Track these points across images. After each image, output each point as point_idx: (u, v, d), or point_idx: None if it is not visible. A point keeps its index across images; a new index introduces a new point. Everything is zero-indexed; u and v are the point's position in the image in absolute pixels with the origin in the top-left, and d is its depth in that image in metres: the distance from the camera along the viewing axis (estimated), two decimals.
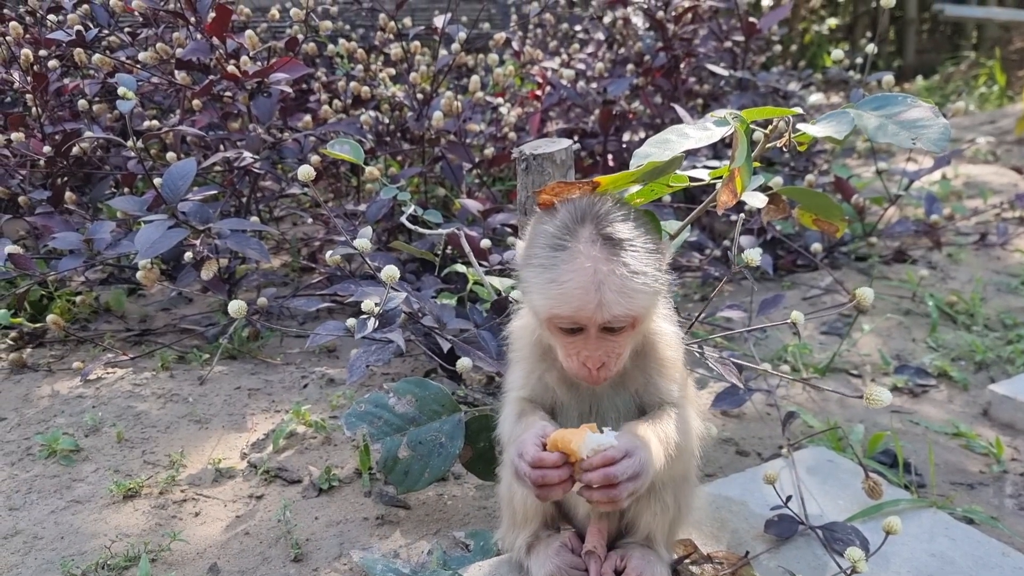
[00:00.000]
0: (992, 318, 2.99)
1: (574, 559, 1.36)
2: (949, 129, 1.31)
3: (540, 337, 1.28)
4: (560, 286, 1.09)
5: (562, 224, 1.13)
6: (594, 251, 1.09)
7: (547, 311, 1.12)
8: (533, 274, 1.13)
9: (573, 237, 1.11)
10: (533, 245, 1.16)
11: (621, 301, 1.09)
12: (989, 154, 5.63)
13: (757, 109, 1.38)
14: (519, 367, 1.33)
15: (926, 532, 1.67)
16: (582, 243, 1.10)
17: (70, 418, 2.12)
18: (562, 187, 1.25)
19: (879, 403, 1.29)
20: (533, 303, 1.16)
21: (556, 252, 1.11)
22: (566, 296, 1.09)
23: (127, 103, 1.99)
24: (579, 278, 1.08)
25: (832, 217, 1.95)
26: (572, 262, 1.09)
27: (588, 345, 1.14)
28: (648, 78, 3.70)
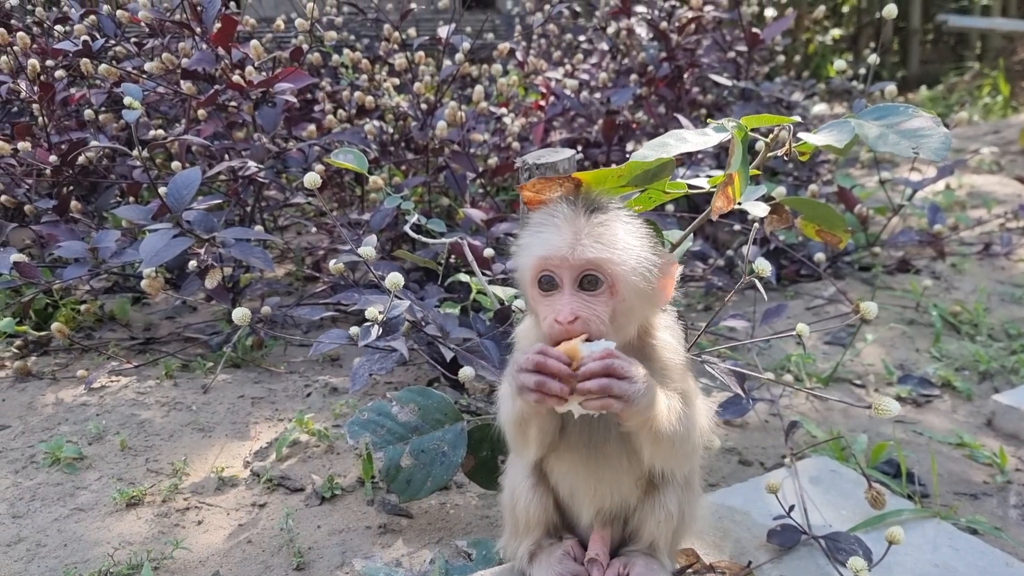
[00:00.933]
0: (996, 328, 2.99)
1: (576, 567, 1.36)
2: (950, 139, 1.31)
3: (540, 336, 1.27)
4: (541, 236, 1.15)
5: (558, 204, 1.19)
6: (580, 218, 1.15)
7: (527, 262, 1.16)
8: (524, 240, 1.18)
9: (570, 210, 1.17)
10: (529, 223, 1.21)
11: (596, 246, 1.12)
12: (993, 164, 5.63)
13: (757, 116, 1.39)
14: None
15: (929, 542, 1.66)
16: (571, 213, 1.16)
17: (74, 426, 2.13)
18: (544, 183, 1.27)
19: (887, 413, 1.29)
20: (520, 264, 1.19)
21: (547, 215, 1.17)
22: (543, 239, 1.14)
23: (133, 113, 2.01)
24: (560, 229, 1.14)
25: (835, 228, 1.96)
26: (558, 221, 1.15)
27: (562, 299, 1.14)
28: (652, 88, 3.71)
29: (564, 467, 1.34)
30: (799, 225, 2.02)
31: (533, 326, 1.31)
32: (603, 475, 1.32)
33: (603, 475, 1.32)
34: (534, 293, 1.18)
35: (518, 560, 1.44)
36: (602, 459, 1.30)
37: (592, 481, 1.34)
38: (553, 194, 1.29)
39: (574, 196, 1.20)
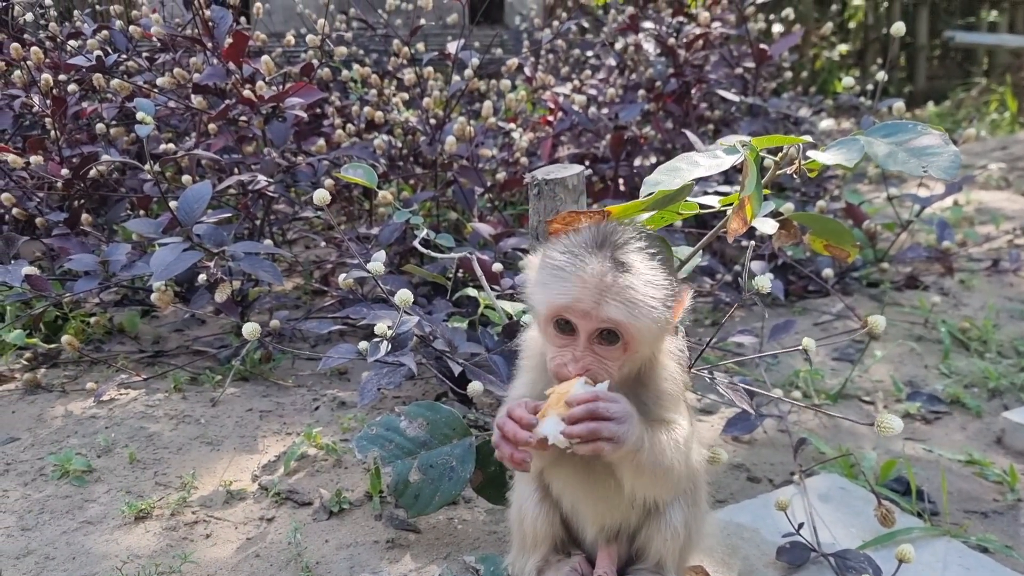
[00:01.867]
0: (1005, 345, 2.98)
1: None
2: (959, 157, 1.31)
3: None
4: (564, 280, 1.14)
5: (581, 241, 1.18)
6: (606, 265, 1.13)
7: (547, 302, 1.16)
8: (543, 274, 1.19)
9: (588, 252, 1.15)
10: (549, 252, 1.20)
11: (619, 307, 1.12)
12: (1001, 180, 5.63)
13: (767, 137, 1.39)
14: (524, 376, 1.35)
15: (940, 561, 1.66)
16: (596, 257, 1.14)
17: (83, 439, 2.14)
18: (573, 216, 1.27)
19: (890, 431, 1.29)
20: (537, 300, 1.20)
21: (569, 256, 1.16)
22: (568, 288, 1.13)
23: (145, 128, 2.02)
24: (584, 276, 1.12)
25: (843, 243, 1.95)
26: (583, 265, 1.13)
27: (577, 348, 1.16)
28: (659, 104, 3.72)
29: (562, 482, 1.36)
30: (807, 240, 2.02)
31: (537, 338, 1.32)
32: (599, 493, 1.33)
33: (599, 493, 1.33)
34: (548, 329, 1.19)
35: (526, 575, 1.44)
36: (595, 477, 1.31)
37: (591, 499, 1.35)
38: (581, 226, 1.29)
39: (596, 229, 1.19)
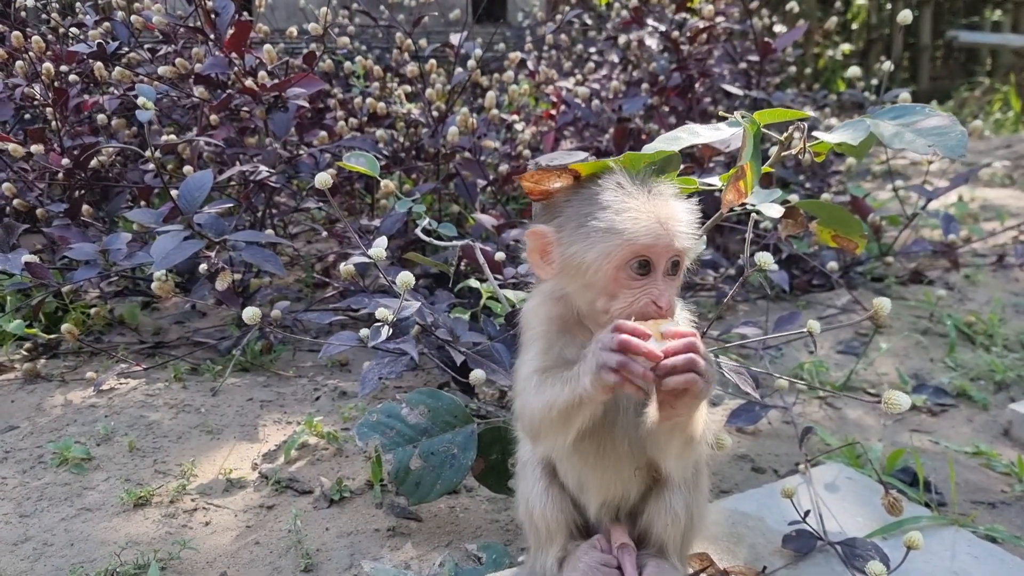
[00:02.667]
0: (1011, 339, 2.95)
1: (604, 556, 1.34)
2: (966, 136, 1.30)
3: (561, 314, 1.27)
4: (639, 219, 1.15)
5: (617, 184, 1.19)
6: (656, 199, 1.17)
7: (626, 245, 1.14)
8: (598, 222, 1.16)
9: (634, 189, 1.18)
10: (584, 206, 1.20)
11: (686, 236, 1.17)
12: (1006, 178, 5.61)
13: (769, 111, 1.38)
14: (535, 345, 1.29)
15: (948, 550, 1.63)
16: (651, 195, 1.18)
17: (82, 427, 2.12)
18: (543, 174, 1.26)
19: (897, 407, 1.27)
20: (598, 249, 1.16)
21: (623, 198, 1.17)
22: (647, 226, 1.14)
23: (146, 113, 2.01)
24: (657, 213, 1.15)
25: (851, 233, 1.94)
26: (644, 203, 1.16)
27: (657, 284, 1.17)
28: (663, 98, 3.70)
29: (575, 455, 1.32)
30: (815, 229, 2.00)
31: (543, 304, 1.30)
32: (608, 462, 1.31)
33: (608, 462, 1.31)
34: (620, 276, 1.17)
35: (548, 572, 1.40)
36: (608, 445, 1.29)
37: (599, 469, 1.32)
38: (553, 185, 1.29)
39: (630, 174, 1.21)
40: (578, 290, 1.23)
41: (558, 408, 1.17)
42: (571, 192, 1.24)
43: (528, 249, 1.26)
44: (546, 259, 1.25)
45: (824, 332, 2.91)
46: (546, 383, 1.20)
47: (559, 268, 1.23)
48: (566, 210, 1.22)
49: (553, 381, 1.19)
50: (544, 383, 1.21)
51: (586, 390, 1.11)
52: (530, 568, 1.45)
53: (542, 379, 1.22)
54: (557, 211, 1.24)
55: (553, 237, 1.22)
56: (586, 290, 1.21)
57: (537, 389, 1.21)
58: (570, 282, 1.24)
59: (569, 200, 1.23)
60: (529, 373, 1.25)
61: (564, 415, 1.17)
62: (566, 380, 1.15)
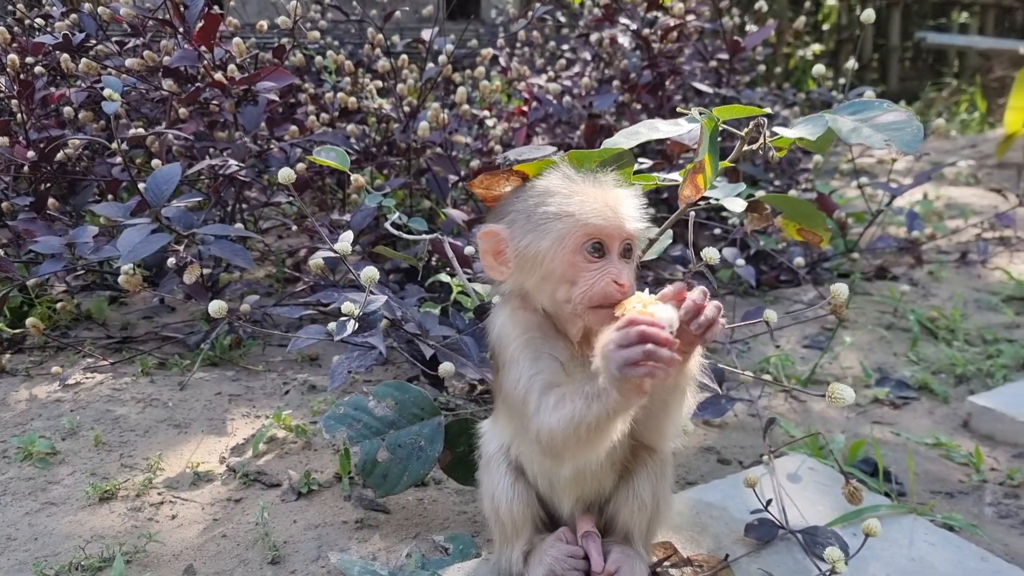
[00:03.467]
0: (972, 333, 3.02)
1: (570, 548, 1.36)
2: (922, 131, 1.33)
3: (536, 322, 1.26)
4: (587, 203, 1.19)
5: (568, 177, 1.24)
6: (602, 187, 1.23)
7: (579, 228, 1.18)
8: (549, 209, 1.20)
9: (587, 181, 1.23)
10: (532, 200, 1.23)
11: (636, 219, 1.22)
12: (970, 177, 5.71)
13: (729, 107, 1.40)
14: (523, 357, 1.22)
15: (906, 537, 1.67)
16: (598, 183, 1.23)
17: (47, 422, 2.10)
18: (491, 178, 1.28)
19: (841, 401, 1.30)
20: (552, 235, 1.19)
21: (571, 187, 1.22)
22: (597, 209, 1.19)
23: (112, 104, 1.99)
24: (601, 197, 1.21)
25: (816, 226, 1.97)
26: (591, 189, 1.21)
27: (613, 264, 1.20)
28: (634, 95, 3.73)
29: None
30: (780, 224, 2.04)
31: (513, 315, 1.28)
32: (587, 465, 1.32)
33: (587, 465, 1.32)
34: (576, 260, 1.19)
35: (514, 566, 1.41)
36: None
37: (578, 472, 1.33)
38: (503, 188, 1.32)
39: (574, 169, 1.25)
40: (537, 284, 1.24)
41: (588, 426, 1.10)
42: (521, 190, 1.27)
43: (481, 251, 1.27)
44: (500, 259, 1.25)
45: (790, 327, 2.96)
46: (564, 401, 1.13)
47: (515, 264, 1.24)
48: (515, 207, 1.24)
49: (572, 398, 1.12)
50: (561, 402, 1.13)
51: (617, 401, 1.05)
52: (495, 562, 1.47)
53: (558, 396, 1.14)
54: (507, 209, 1.26)
55: (505, 234, 1.23)
56: (545, 282, 1.22)
57: (555, 408, 1.14)
58: (528, 277, 1.24)
59: (516, 198, 1.25)
60: (529, 388, 1.18)
61: (596, 433, 1.11)
62: (589, 397, 1.09)
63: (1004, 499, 1.98)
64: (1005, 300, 3.34)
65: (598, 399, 1.07)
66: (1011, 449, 2.21)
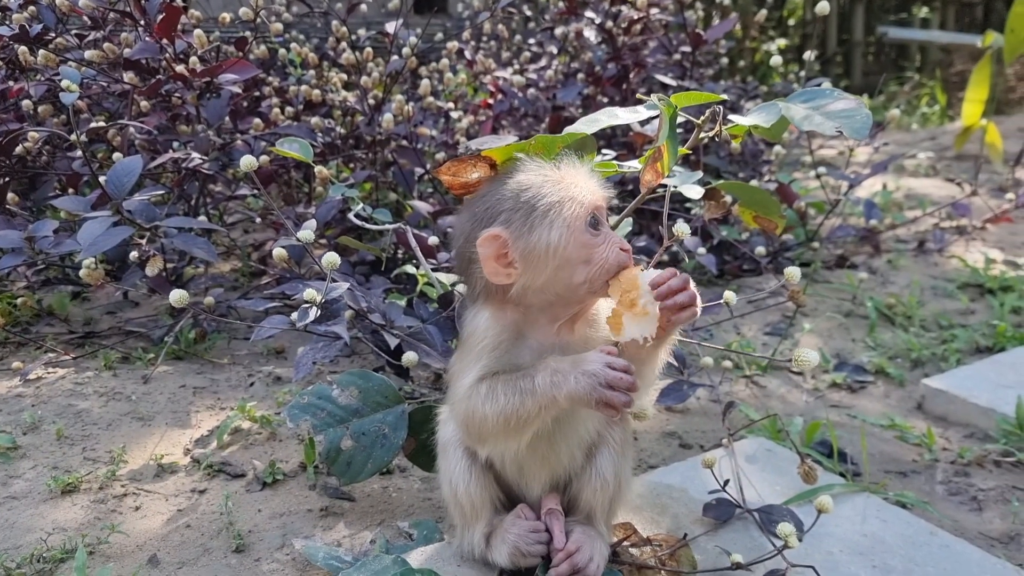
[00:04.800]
0: (928, 319, 3.09)
1: (532, 523, 1.38)
2: (871, 118, 1.36)
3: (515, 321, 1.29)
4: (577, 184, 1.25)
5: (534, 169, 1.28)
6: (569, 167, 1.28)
7: (581, 207, 1.23)
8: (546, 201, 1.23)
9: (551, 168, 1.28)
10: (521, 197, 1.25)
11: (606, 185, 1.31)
12: (929, 168, 5.83)
13: (686, 94, 1.43)
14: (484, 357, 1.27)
15: (859, 514, 1.72)
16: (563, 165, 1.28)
17: (8, 416, 2.08)
18: (458, 165, 1.30)
19: (807, 364, 1.34)
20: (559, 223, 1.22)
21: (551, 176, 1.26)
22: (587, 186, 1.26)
23: (70, 96, 1.98)
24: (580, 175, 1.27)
25: (771, 213, 2.01)
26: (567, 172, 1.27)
27: (612, 236, 1.27)
28: (599, 88, 3.76)
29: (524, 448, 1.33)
30: (737, 211, 2.07)
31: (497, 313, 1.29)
32: (560, 444, 1.36)
33: (560, 444, 1.36)
34: (584, 239, 1.23)
35: (476, 548, 1.43)
36: (556, 435, 1.34)
37: (545, 458, 1.37)
38: (470, 175, 1.33)
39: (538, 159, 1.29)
40: (552, 276, 1.23)
41: (518, 418, 1.21)
42: (499, 190, 1.26)
43: (483, 258, 1.23)
44: (504, 262, 1.23)
45: (752, 314, 3.01)
46: (497, 392, 1.22)
47: (523, 264, 1.22)
48: (505, 207, 1.24)
49: (505, 390, 1.22)
50: (495, 392, 1.23)
51: (556, 403, 1.19)
52: (457, 545, 1.49)
53: (490, 386, 1.24)
54: (496, 211, 1.24)
55: (507, 236, 1.22)
56: (560, 271, 1.23)
57: (488, 397, 1.23)
58: (540, 272, 1.23)
59: (502, 199, 1.25)
60: (474, 381, 1.26)
61: (523, 424, 1.22)
62: (524, 392, 1.20)
63: (955, 477, 2.04)
64: (960, 287, 3.42)
65: (532, 395, 1.19)
66: (963, 429, 2.28)
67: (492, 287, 1.27)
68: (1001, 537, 1.80)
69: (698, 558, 1.53)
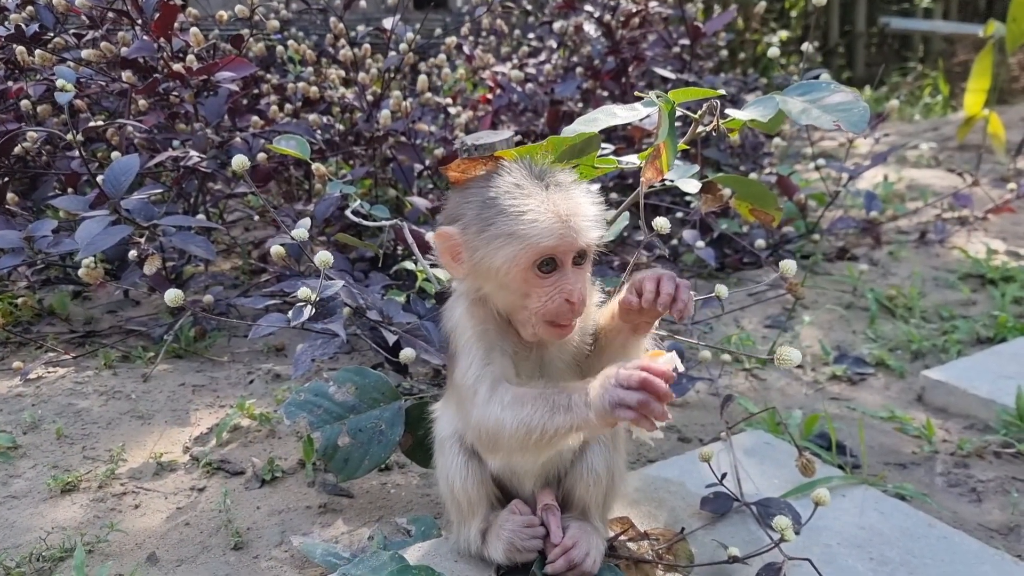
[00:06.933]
0: (929, 311, 3.08)
1: (527, 518, 1.38)
2: (868, 111, 1.36)
3: (491, 316, 1.28)
4: (539, 220, 1.15)
5: (514, 183, 1.19)
6: (556, 194, 1.18)
7: (531, 248, 1.16)
8: (499, 227, 1.17)
9: (531, 186, 1.18)
10: (485, 209, 1.19)
11: (591, 227, 1.19)
12: (932, 159, 5.80)
13: (684, 90, 1.42)
14: (473, 350, 1.27)
15: (857, 507, 1.72)
16: (549, 190, 1.18)
17: (8, 416, 2.09)
18: (469, 163, 1.29)
19: (788, 363, 1.33)
20: (503, 254, 1.17)
21: (521, 199, 1.17)
22: (548, 226, 1.15)
23: (65, 95, 1.98)
24: (553, 210, 1.16)
25: (767, 206, 2.01)
26: (542, 201, 1.17)
27: (567, 279, 1.19)
28: (598, 81, 3.75)
29: None
30: (734, 204, 2.07)
31: (469, 309, 1.29)
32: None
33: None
34: (528, 276, 1.19)
35: (472, 544, 1.43)
36: None
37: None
38: (478, 172, 1.31)
39: (529, 167, 1.22)
40: (493, 290, 1.25)
41: (543, 433, 1.13)
42: (476, 189, 1.23)
43: (438, 250, 1.26)
44: (457, 260, 1.24)
45: (752, 307, 3.00)
46: (523, 402, 1.16)
47: (470, 270, 1.24)
48: (468, 210, 1.22)
49: (535, 402, 1.15)
50: (520, 401, 1.17)
51: (588, 424, 1.10)
52: (454, 541, 1.49)
53: (517, 396, 1.18)
54: (461, 210, 1.23)
55: (460, 239, 1.22)
56: (501, 290, 1.23)
57: (511, 405, 1.17)
58: (483, 283, 1.25)
59: (469, 199, 1.22)
60: (480, 378, 1.23)
61: (549, 442, 1.15)
62: (555, 407, 1.12)
63: (954, 468, 2.04)
64: (961, 278, 3.41)
65: (567, 412, 1.12)
66: (962, 421, 2.27)
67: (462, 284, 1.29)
68: (1000, 528, 1.80)
69: (695, 552, 1.53)
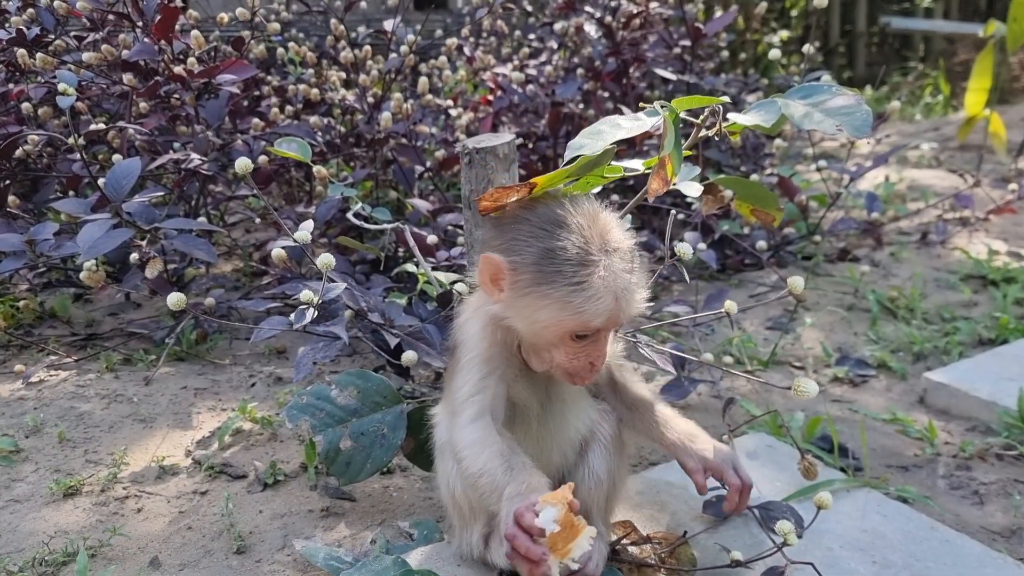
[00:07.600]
0: (931, 312, 3.08)
1: None
2: (871, 116, 1.35)
3: (504, 339, 1.29)
4: (598, 298, 1.16)
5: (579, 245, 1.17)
6: (615, 265, 1.17)
7: (577, 322, 1.17)
8: (556, 288, 1.16)
9: (602, 257, 1.17)
10: (544, 261, 1.18)
11: (637, 304, 1.21)
12: (933, 159, 5.80)
13: (687, 98, 1.42)
14: (475, 368, 1.30)
15: (859, 510, 1.72)
16: (613, 264, 1.17)
17: (10, 420, 2.09)
18: (501, 192, 1.28)
19: (806, 395, 1.34)
20: (549, 314, 1.18)
21: (581, 268, 1.16)
22: (604, 305, 1.16)
23: (67, 99, 1.98)
24: (612, 287, 1.16)
25: (768, 207, 2.01)
26: (602, 278, 1.16)
27: (598, 347, 1.22)
28: (599, 83, 3.75)
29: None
30: (735, 206, 2.07)
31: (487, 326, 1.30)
32: (549, 444, 1.37)
33: (549, 444, 1.37)
34: (563, 337, 1.21)
35: (475, 549, 1.42)
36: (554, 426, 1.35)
37: (534, 453, 1.36)
38: (510, 200, 1.30)
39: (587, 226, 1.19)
40: (522, 327, 1.25)
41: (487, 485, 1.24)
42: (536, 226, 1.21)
43: (480, 272, 1.25)
44: (497, 285, 1.24)
45: (754, 308, 3.01)
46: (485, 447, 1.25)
47: (508, 302, 1.23)
48: (525, 251, 1.20)
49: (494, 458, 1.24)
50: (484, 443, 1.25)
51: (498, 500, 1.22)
52: (456, 546, 1.49)
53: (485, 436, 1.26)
54: (517, 246, 1.21)
55: (506, 271, 1.21)
56: (529, 332, 1.24)
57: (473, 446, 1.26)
58: (515, 319, 1.25)
59: (527, 238, 1.21)
60: (466, 402, 1.29)
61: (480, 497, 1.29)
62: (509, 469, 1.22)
63: (956, 471, 2.04)
64: (963, 279, 3.41)
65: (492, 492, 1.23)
66: (965, 423, 2.27)
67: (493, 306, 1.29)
68: (1003, 531, 1.80)
69: (698, 555, 1.53)
